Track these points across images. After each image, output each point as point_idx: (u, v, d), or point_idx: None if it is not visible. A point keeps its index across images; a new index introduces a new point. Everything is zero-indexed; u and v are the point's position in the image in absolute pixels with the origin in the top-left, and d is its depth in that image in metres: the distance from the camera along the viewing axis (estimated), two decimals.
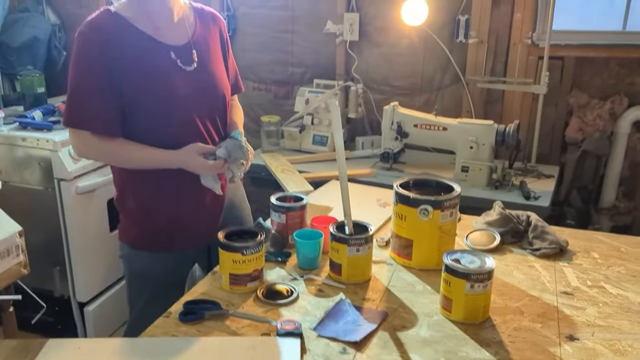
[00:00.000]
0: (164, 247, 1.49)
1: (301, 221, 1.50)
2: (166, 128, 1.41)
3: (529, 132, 2.42)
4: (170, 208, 1.47)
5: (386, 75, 2.68)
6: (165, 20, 1.42)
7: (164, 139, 1.40)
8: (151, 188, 1.45)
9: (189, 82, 1.42)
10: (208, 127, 1.47)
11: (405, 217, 1.37)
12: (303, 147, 2.63)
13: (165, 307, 1.21)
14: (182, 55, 1.42)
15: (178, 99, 1.41)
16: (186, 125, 1.43)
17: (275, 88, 2.94)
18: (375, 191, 1.95)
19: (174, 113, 1.41)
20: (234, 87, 1.63)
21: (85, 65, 1.34)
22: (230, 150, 1.41)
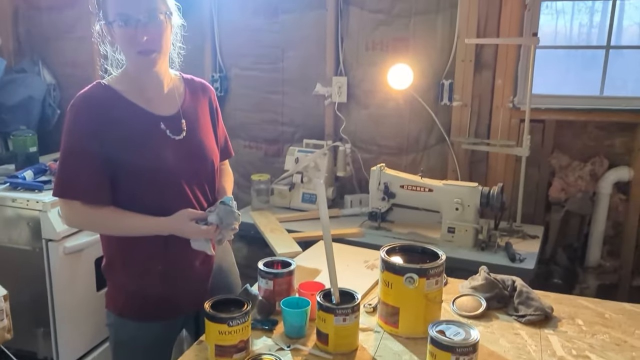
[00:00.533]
0: (151, 316, 1.48)
1: (289, 287, 1.51)
2: (155, 195, 1.43)
3: (513, 192, 2.47)
4: (158, 277, 1.47)
5: (373, 135, 2.75)
6: (156, 92, 1.47)
7: (152, 205, 1.42)
8: (140, 256, 1.46)
9: (177, 151, 1.46)
10: (196, 194, 1.50)
11: (391, 285, 1.39)
12: (292, 205, 2.66)
13: None
14: (172, 124, 1.46)
15: (167, 167, 1.44)
16: (175, 191, 1.45)
17: (265, 146, 2.99)
18: (363, 252, 1.97)
19: (163, 180, 1.44)
20: (223, 152, 1.67)
21: (76, 137, 1.38)
22: (222, 217, 1.44)
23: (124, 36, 1.36)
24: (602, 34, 2.49)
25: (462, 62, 2.48)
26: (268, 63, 2.87)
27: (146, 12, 1.34)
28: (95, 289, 2.38)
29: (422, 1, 2.52)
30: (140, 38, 1.34)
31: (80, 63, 3.12)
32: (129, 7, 1.34)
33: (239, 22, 2.87)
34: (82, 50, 3.08)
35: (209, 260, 1.55)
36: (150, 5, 1.35)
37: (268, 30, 2.83)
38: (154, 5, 1.36)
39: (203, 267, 1.54)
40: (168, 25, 1.40)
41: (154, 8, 1.35)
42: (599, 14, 2.71)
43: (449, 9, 2.49)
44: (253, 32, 2.86)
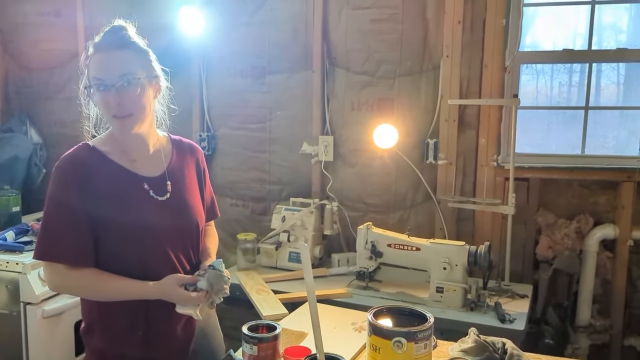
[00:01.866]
0: None
1: (274, 352, 1.46)
2: (137, 255, 1.42)
3: (500, 251, 2.46)
4: (139, 342, 1.43)
5: (360, 193, 2.75)
6: (141, 153, 1.48)
7: (134, 266, 1.40)
8: (120, 321, 1.42)
9: (161, 211, 1.45)
10: (179, 255, 1.48)
11: (379, 350, 1.35)
12: (279, 264, 2.62)
13: None
14: (156, 186, 1.47)
15: (149, 227, 1.43)
16: (157, 252, 1.44)
17: (252, 204, 2.98)
18: (351, 314, 1.92)
19: (145, 241, 1.42)
20: (210, 212, 1.67)
21: (60, 199, 1.37)
22: (212, 282, 1.42)
23: (100, 100, 1.38)
24: (582, 92, 2.57)
25: (445, 122, 2.53)
26: (256, 122, 2.90)
27: (120, 78, 1.36)
28: (74, 354, 2.29)
29: (406, 64, 2.60)
30: (113, 102, 1.36)
31: (69, 122, 3.14)
32: (102, 72, 1.37)
33: (227, 84, 2.93)
34: (71, 109, 3.11)
35: (191, 325, 1.50)
36: (125, 70, 1.37)
37: (256, 91, 2.88)
38: (129, 70, 1.37)
39: (185, 332, 1.49)
40: (148, 89, 1.42)
41: (129, 72, 1.37)
42: (577, 74, 2.81)
43: (432, 70, 2.56)
44: (241, 93, 2.91)
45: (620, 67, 2.71)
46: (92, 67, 1.39)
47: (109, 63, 1.37)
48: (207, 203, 1.65)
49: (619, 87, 2.75)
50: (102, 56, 1.38)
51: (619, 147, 2.55)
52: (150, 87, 1.44)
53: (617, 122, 2.68)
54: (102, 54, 1.38)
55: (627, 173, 2.35)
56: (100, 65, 1.38)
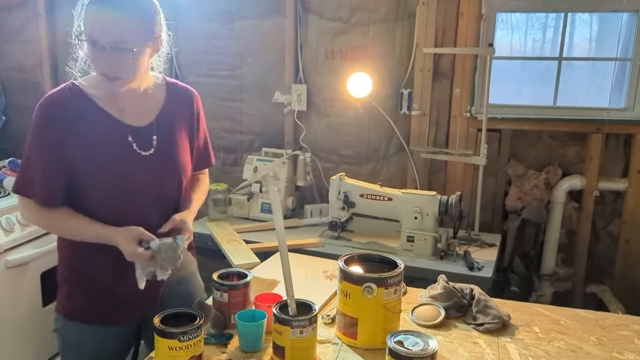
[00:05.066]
0: (97, 318, 1.46)
1: (245, 299, 1.46)
2: (111, 206, 1.40)
3: (471, 201, 2.49)
4: (107, 278, 1.44)
5: (333, 144, 2.73)
6: (130, 101, 1.41)
7: (109, 216, 1.39)
8: (90, 257, 1.43)
9: (142, 167, 1.42)
10: (154, 211, 1.44)
11: (349, 295, 1.35)
12: (251, 215, 2.60)
13: None
14: (141, 138, 1.42)
15: (127, 182, 1.40)
16: (132, 206, 1.42)
17: (223, 155, 2.93)
18: (322, 263, 1.93)
19: (121, 194, 1.40)
20: (203, 160, 1.63)
21: (37, 138, 1.37)
22: (162, 250, 1.36)
23: (90, 55, 1.33)
24: (555, 48, 2.56)
25: (420, 72, 2.50)
26: (226, 70, 2.82)
27: (112, 43, 1.28)
28: (41, 305, 2.26)
29: (380, 10, 2.53)
30: (103, 63, 1.32)
31: (28, 67, 2.99)
32: (96, 31, 1.29)
33: (196, 28, 2.82)
34: (30, 53, 2.96)
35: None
36: (120, 37, 1.28)
37: (225, 36, 2.78)
38: (125, 37, 1.29)
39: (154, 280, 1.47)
40: (145, 52, 1.35)
41: (124, 40, 1.29)
42: (551, 30, 2.79)
43: (407, 18, 2.50)
44: (210, 39, 2.81)
45: (593, 22, 2.70)
46: (86, 19, 1.29)
47: (105, 23, 1.27)
48: (200, 150, 1.60)
49: (592, 43, 2.74)
50: (98, 11, 1.28)
51: (590, 103, 2.56)
52: (148, 48, 1.36)
53: (589, 78, 2.69)
54: (99, 9, 1.28)
55: (597, 125, 2.37)
56: (95, 22, 1.28)
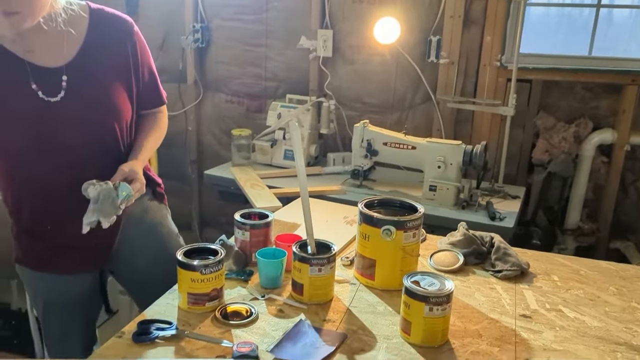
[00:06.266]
0: (41, 264, 1.41)
1: (265, 239, 1.49)
2: (39, 170, 1.29)
3: (496, 153, 2.45)
4: (50, 224, 1.36)
5: (359, 92, 2.69)
6: (40, 39, 1.23)
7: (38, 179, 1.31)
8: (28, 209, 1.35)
9: (54, 115, 1.25)
10: (93, 167, 1.30)
11: (368, 237, 1.37)
12: (274, 162, 2.62)
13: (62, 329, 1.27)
14: (49, 82, 1.25)
15: (44, 137, 1.26)
16: (64, 165, 1.30)
17: (247, 101, 2.93)
18: (343, 209, 1.94)
19: (46, 152, 1.27)
20: (150, 99, 1.47)
21: None
22: (101, 199, 1.25)
23: None
24: None
25: (450, 18, 2.42)
26: (251, 14, 2.77)
27: None
28: None
29: None
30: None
31: None
32: None
33: None
34: None
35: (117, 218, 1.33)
36: None
37: None
38: None
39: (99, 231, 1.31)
40: None
41: None
42: None
43: None
44: None
45: None
46: None
47: None
48: (146, 87, 1.43)
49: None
50: None
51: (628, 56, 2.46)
52: None
53: (629, 31, 2.57)
54: None
55: (632, 76, 2.29)
56: None
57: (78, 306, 1.49)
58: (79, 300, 1.49)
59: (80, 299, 1.49)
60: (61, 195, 1.32)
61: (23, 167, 1.30)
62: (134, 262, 1.52)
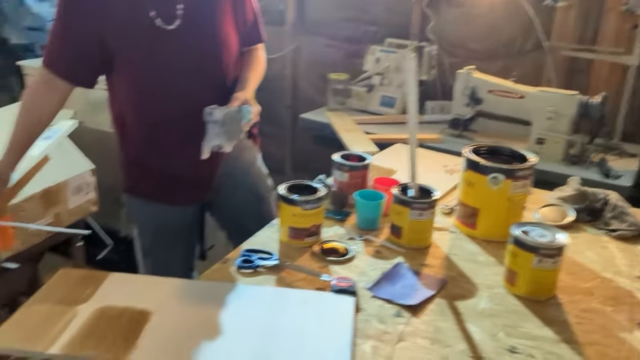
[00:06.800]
0: (153, 196, 1.47)
1: (363, 181, 1.47)
2: (154, 96, 1.34)
3: (615, 107, 2.24)
4: (160, 153, 1.42)
5: (463, 37, 2.55)
6: None
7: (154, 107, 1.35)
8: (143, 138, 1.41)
9: (170, 44, 1.29)
10: (202, 95, 1.34)
11: (473, 185, 1.31)
12: (370, 108, 2.57)
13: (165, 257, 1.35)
14: (165, 10, 1.27)
15: (157, 64, 1.30)
16: (176, 92, 1.34)
17: (346, 46, 2.87)
18: (442, 157, 1.88)
19: (158, 79, 1.31)
20: (251, 36, 1.50)
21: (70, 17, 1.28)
22: (227, 123, 1.28)
23: None
24: None
25: None
26: None
27: None
28: None
29: None
30: None
31: None
32: None
33: None
34: None
35: (214, 158, 1.37)
36: None
37: None
38: None
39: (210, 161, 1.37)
40: None
41: None
42: None
43: None
44: None
45: None
46: None
47: None
48: (248, 25, 1.47)
49: None
50: None
51: None
52: None
53: None
54: None
55: None
56: None
57: (181, 237, 1.58)
58: (181, 232, 1.57)
59: (183, 230, 1.57)
60: (171, 124, 1.38)
61: (138, 93, 1.35)
62: (230, 198, 1.57)
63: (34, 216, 1.73)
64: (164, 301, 1.00)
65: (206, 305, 1.01)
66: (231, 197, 1.56)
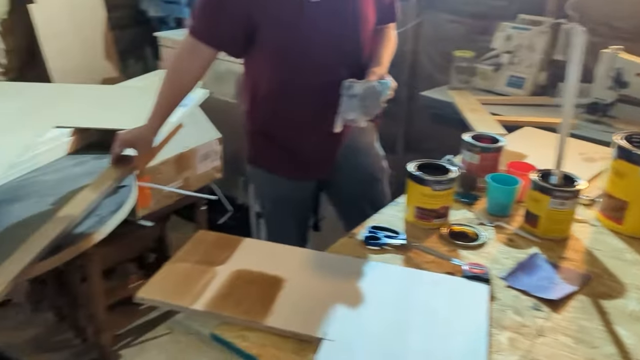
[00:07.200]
0: (275, 169, 1.50)
1: (494, 164, 1.40)
2: (286, 68, 1.35)
3: None
4: (286, 133, 1.45)
5: (607, 13, 2.31)
6: None
7: (293, 75, 1.36)
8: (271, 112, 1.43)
9: (314, 16, 1.29)
10: (338, 68, 1.34)
11: (623, 175, 1.19)
12: (495, 88, 2.43)
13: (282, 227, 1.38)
14: None
15: (302, 34, 1.31)
16: (313, 63, 1.34)
17: (471, 21, 2.72)
18: (578, 144, 1.74)
19: (300, 50, 1.32)
20: (386, 14, 1.49)
21: None
22: (366, 97, 1.26)
23: None
24: None
25: None
26: None
27: None
28: None
29: None
30: None
31: None
32: None
33: None
34: None
35: (339, 135, 1.40)
36: None
37: None
38: None
39: (332, 139, 1.42)
40: None
41: None
42: None
43: None
44: None
45: None
46: None
47: None
48: (385, 3, 1.46)
49: None
50: None
51: None
52: None
53: None
54: None
55: None
56: None
57: (297, 210, 1.61)
58: (299, 205, 1.60)
59: (300, 204, 1.60)
60: (305, 97, 1.39)
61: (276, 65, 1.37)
62: (347, 178, 1.57)
63: (167, 179, 1.84)
64: (295, 270, 1.02)
65: (337, 277, 1.01)
66: (348, 176, 1.57)
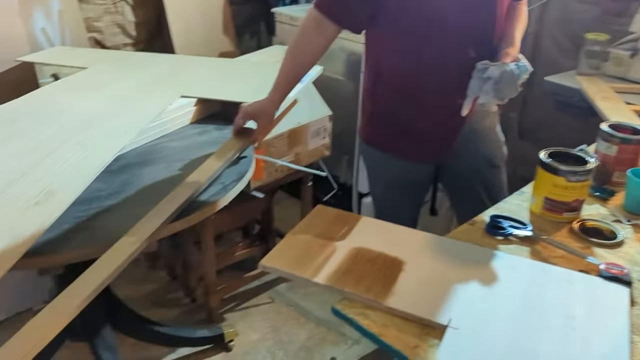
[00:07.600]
0: (390, 149, 1.47)
1: (634, 157, 1.28)
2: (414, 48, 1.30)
3: None
4: (407, 114, 1.40)
5: None
6: None
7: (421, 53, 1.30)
8: (393, 92, 1.39)
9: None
10: (470, 46, 1.28)
11: None
12: (630, 76, 2.21)
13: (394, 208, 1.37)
14: None
15: (430, 16, 1.26)
16: (445, 41, 1.28)
17: (606, 2, 2.49)
18: None
19: (426, 32, 1.27)
20: None
21: None
22: (503, 80, 1.18)
23: None
24: None
25: None
26: None
27: None
28: None
29: None
30: None
31: None
32: None
33: None
34: None
35: (459, 117, 1.34)
36: None
37: None
38: None
39: (452, 121, 1.37)
40: None
41: None
42: None
43: None
44: None
45: None
46: None
47: None
48: None
49: None
50: None
51: None
52: None
53: None
54: None
55: None
56: None
57: (411, 192, 1.57)
58: (413, 188, 1.56)
59: (415, 186, 1.56)
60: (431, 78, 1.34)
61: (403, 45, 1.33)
62: (464, 163, 1.50)
63: (280, 153, 1.88)
64: (415, 252, 0.99)
65: (460, 263, 0.97)
66: (466, 161, 1.50)
